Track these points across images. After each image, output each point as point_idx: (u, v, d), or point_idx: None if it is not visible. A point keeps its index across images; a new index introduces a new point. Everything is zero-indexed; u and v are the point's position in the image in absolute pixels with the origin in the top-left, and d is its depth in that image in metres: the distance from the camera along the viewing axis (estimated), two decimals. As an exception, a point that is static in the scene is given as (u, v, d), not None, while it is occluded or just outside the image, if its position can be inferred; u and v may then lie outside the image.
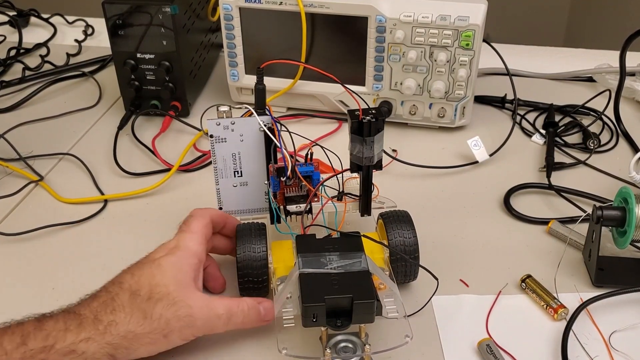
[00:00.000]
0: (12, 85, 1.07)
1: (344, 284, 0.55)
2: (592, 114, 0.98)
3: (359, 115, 0.61)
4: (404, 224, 0.65)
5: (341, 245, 0.60)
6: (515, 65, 1.05)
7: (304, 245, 0.60)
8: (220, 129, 0.66)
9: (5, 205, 0.81)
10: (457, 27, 0.85)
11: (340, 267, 0.57)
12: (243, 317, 0.59)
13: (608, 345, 0.62)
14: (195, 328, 0.57)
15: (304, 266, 0.57)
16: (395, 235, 0.64)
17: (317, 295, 0.54)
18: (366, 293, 0.55)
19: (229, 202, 0.70)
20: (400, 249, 0.63)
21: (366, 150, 0.62)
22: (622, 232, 0.67)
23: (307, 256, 0.59)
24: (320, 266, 0.57)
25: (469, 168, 0.88)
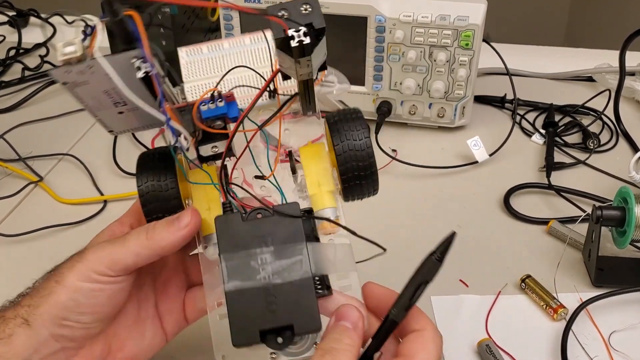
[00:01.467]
0: (11, 86, 1.07)
1: (281, 304, 0.43)
2: (592, 113, 0.98)
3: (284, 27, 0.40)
4: (353, 124, 0.49)
5: (276, 233, 0.45)
6: (515, 65, 1.05)
7: (226, 235, 0.45)
8: (74, 75, 0.44)
9: (5, 206, 0.81)
10: (456, 27, 0.85)
11: (276, 273, 0.44)
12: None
13: (608, 345, 0.62)
14: None
15: (230, 277, 0.44)
16: (341, 138, 0.48)
17: (249, 330, 0.43)
18: (309, 318, 0.43)
19: (118, 124, 0.52)
20: (349, 164, 0.48)
21: (301, 69, 0.43)
22: (621, 232, 0.67)
23: (234, 258, 0.44)
24: (252, 275, 0.44)
25: (469, 168, 0.88)
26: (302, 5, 0.40)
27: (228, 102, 0.46)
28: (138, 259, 0.46)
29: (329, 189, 0.50)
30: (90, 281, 0.45)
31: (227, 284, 0.44)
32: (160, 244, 0.46)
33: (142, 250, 0.46)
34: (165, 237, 0.46)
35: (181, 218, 0.46)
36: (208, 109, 0.45)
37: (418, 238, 0.76)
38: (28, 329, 0.46)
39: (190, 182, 0.50)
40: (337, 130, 0.49)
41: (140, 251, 0.46)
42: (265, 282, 0.43)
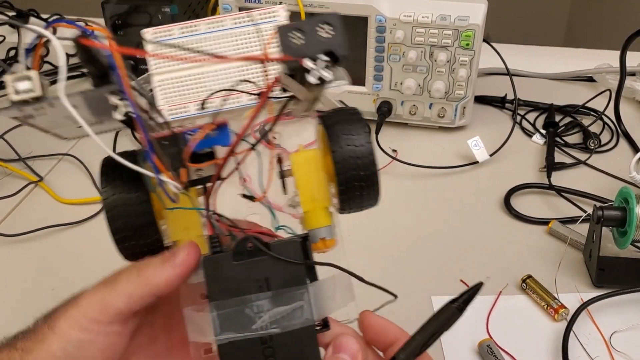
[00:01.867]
0: (11, 86, 1.07)
1: (281, 356, 0.38)
2: (592, 114, 0.98)
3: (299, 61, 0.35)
4: (354, 127, 0.44)
5: (273, 276, 0.39)
6: (515, 65, 1.05)
7: (217, 280, 0.39)
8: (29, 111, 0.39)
9: (5, 206, 0.81)
10: (457, 27, 0.84)
11: (274, 322, 0.38)
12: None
13: (609, 345, 0.61)
14: None
15: (222, 328, 0.38)
16: (340, 143, 0.42)
17: None
18: None
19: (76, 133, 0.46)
20: (351, 167, 0.43)
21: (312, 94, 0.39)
22: (622, 232, 0.67)
23: (225, 306, 0.38)
24: (247, 325, 0.38)
25: (469, 168, 0.88)
26: (321, 26, 0.35)
27: (219, 128, 0.40)
28: (131, 302, 0.41)
29: (324, 205, 0.44)
30: (82, 330, 0.41)
31: (219, 335, 0.38)
32: (153, 283, 0.40)
33: (134, 291, 0.41)
34: (159, 275, 0.40)
35: (176, 254, 0.41)
36: (200, 142, 0.39)
37: (418, 238, 0.76)
38: None
39: (167, 209, 0.43)
40: (336, 134, 0.43)
41: (132, 292, 0.41)
42: (262, 333, 0.38)
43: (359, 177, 0.43)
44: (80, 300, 0.42)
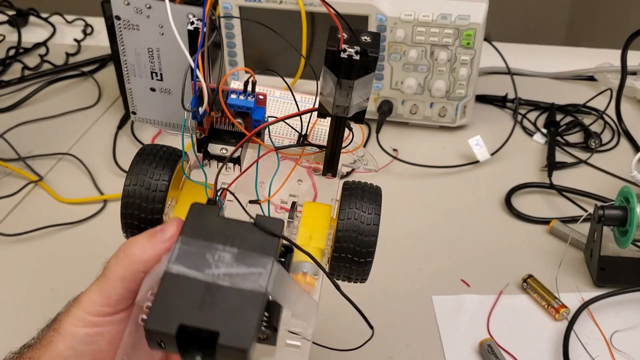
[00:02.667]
0: (11, 85, 1.07)
1: (217, 306, 0.37)
2: (593, 113, 0.98)
3: (339, 44, 0.39)
4: (367, 201, 0.46)
5: (247, 238, 0.40)
6: (516, 64, 1.05)
7: (196, 222, 0.41)
8: (130, 12, 0.45)
9: (5, 205, 0.81)
10: (457, 26, 0.84)
11: (227, 275, 0.38)
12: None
13: (609, 345, 0.61)
14: None
15: (177, 259, 0.38)
16: (348, 215, 0.45)
17: (170, 318, 0.36)
18: (240, 331, 0.36)
19: (144, 107, 0.51)
20: (349, 234, 0.45)
21: (340, 97, 0.41)
22: (623, 231, 0.67)
23: (191, 243, 0.39)
24: (201, 267, 0.38)
25: (470, 167, 0.87)
26: (365, 35, 0.40)
27: (258, 105, 0.44)
28: (125, 284, 0.41)
29: (319, 246, 0.45)
30: (87, 325, 0.42)
31: (171, 264, 0.38)
32: (142, 259, 0.41)
33: (126, 272, 0.41)
34: (147, 251, 0.41)
35: (165, 229, 0.41)
36: (236, 98, 0.43)
37: (419, 238, 0.76)
38: None
39: (188, 178, 0.47)
40: (350, 195, 0.46)
41: (124, 274, 0.41)
42: (211, 279, 0.38)
43: (357, 240, 0.45)
44: (81, 297, 0.43)
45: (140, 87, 0.50)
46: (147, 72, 0.48)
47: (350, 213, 0.45)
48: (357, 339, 0.48)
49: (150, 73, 0.48)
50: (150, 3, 0.44)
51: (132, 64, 0.49)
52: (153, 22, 0.46)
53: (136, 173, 0.45)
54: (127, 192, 0.45)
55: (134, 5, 0.46)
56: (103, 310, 0.42)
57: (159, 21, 0.46)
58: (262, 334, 0.39)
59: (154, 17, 0.45)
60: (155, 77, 0.49)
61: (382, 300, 0.67)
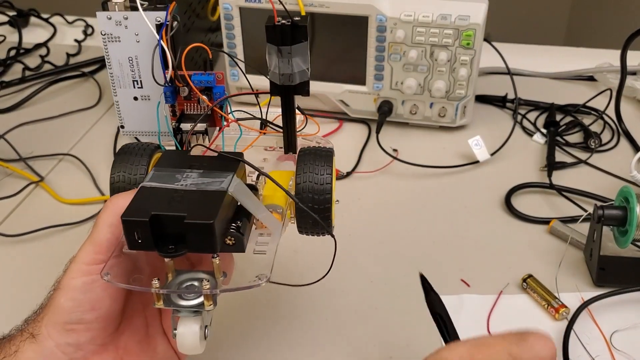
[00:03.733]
0: (12, 86, 1.07)
1: (184, 201, 0.43)
2: (593, 113, 0.98)
3: (274, 20, 0.48)
4: (319, 161, 0.51)
5: (212, 164, 0.48)
6: (516, 65, 1.05)
7: (168, 159, 0.49)
8: (112, 25, 0.54)
9: (6, 206, 0.81)
10: (457, 27, 0.84)
11: (194, 184, 0.45)
12: None
13: (609, 345, 0.61)
14: None
15: (151, 179, 0.46)
16: (304, 177, 0.50)
17: (143, 209, 0.42)
18: (205, 212, 0.42)
19: (130, 120, 0.58)
20: (306, 194, 0.50)
21: (282, 64, 0.49)
22: (623, 231, 0.67)
23: (162, 170, 0.47)
24: (170, 181, 0.45)
25: (470, 167, 0.88)
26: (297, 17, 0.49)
27: (218, 84, 0.53)
28: (113, 229, 0.45)
29: (283, 195, 0.50)
30: (83, 274, 0.45)
31: (145, 182, 0.45)
32: (125, 205, 0.43)
33: (112, 218, 0.45)
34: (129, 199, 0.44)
35: None
36: (199, 75, 0.53)
37: (419, 238, 0.76)
38: (34, 343, 0.45)
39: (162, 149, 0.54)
40: (303, 161, 0.51)
41: (111, 220, 0.45)
42: (179, 187, 0.45)
43: (313, 200, 0.50)
44: (77, 253, 0.46)
45: (126, 98, 0.57)
46: (130, 81, 0.56)
47: (306, 167, 0.50)
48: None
49: (132, 82, 0.56)
50: (127, 14, 0.53)
51: (118, 76, 0.56)
52: (130, 31, 0.54)
53: (117, 171, 0.51)
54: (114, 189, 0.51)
55: (114, 19, 0.53)
56: (96, 258, 0.45)
57: (135, 29, 0.54)
58: (229, 239, 0.44)
59: (131, 27, 0.54)
60: (137, 85, 0.56)
61: (382, 300, 0.67)
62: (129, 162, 0.51)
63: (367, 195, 0.83)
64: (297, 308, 0.66)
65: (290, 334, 0.63)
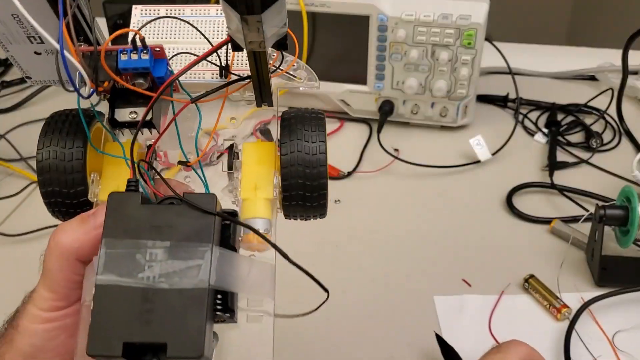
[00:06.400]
0: (13, 86, 1.07)
1: (160, 315, 0.34)
2: (594, 112, 0.98)
3: None
4: (309, 123, 0.41)
5: (178, 225, 0.35)
6: (517, 64, 1.05)
7: (117, 217, 0.36)
8: None
9: (7, 205, 0.81)
10: (459, 26, 0.84)
11: (164, 275, 0.34)
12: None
13: (612, 345, 0.61)
14: None
15: (105, 267, 0.35)
16: (291, 145, 0.40)
17: (111, 338, 0.33)
18: (190, 342, 0.33)
19: (36, 70, 0.45)
20: (295, 168, 0.40)
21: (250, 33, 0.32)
22: (624, 231, 0.67)
23: (117, 245, 0.35)
24: (133, 270, 0.34)
25: (471, 167, 0.87)
26: None
27: (156, 58, 0.37)
28: (65, 274, 0.38)
29: (266, 196, 0.41)
30: (43, 322, 0.39)
31: (100, 275, 0.34)
32: (73, 247, 0.37)
33: (61, 263, 0.38)
34: (78, 238, 0.37)
35: (97, 214, 0.38)
36: (127, 59, 0.36)
37: (420, 238, 0.76)
38: None
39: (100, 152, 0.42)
40: (289, 127, 0.41)
41: (60, 265, 0.38)
42: (147, 284, 0.34)
43: (305, 186, 0.40)
44: (32, 294, 0.41)
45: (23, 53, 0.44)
46: (24, 37, 0.42)
47: (293, 145, 0.40)
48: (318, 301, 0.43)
49: (27, 38, 0.42)
50: None
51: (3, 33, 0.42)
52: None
53: (46, 145, 0.41)
54: (41, 168, 0.41)
55: None
56: (55, 305, 0.39)
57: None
58: (219, 319, 0.36)
59: None
60: (35, 41, 0.42)
61: (384, 300, 0.67)
62: (60, 132, 0.40)
63: (368, 195, 0.83)
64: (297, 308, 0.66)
65: (291, 333, 0.63)
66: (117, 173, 0.41)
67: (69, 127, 0.41)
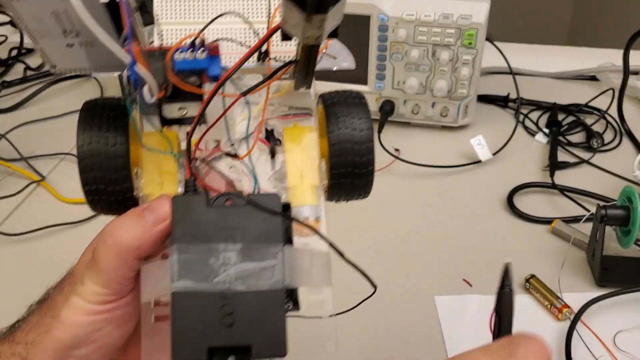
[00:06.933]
0: (13, 86, 1.07)
1: (242, 318, 0.34)
2: (595, 112, 0.98)
3: None
4: (355, 110, 0.41)
5: (246, 227, 0.36)
6: (518, 64, 1.05)
7: (184, 221, 0.36)
8: None
9: (7, 205, 0.81)
10: (459, 26, 0.84)
11: (240, 278, 0.35)
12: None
13: (613, 345, 0.61)
14: None
15: (181, 274, 0.34)
16: (339, 134, 0.40)
17: (195, 343, 0.34)
18: (274, 342, 0.35)
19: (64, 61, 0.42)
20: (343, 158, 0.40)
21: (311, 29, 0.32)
22: (626, 231, 0.67)
23: (189, 251, 0.35)
24: (208, 276, 0.35)
25: (472, 167, 0.87)
26: None
27: (211, 55, 0.37)
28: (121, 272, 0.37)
29: (313, 183, 0.41)
30: (91, 313, 0.38)
31: (175, 282, 0.34)
32: (133, 246, 0.36)
33: (117, 261, 0.37)
34: (138, 236, 0.36)
35: (154, 208, 0.37)
36: (184, 60, 0.37)
37: (421, 238, 0.76)
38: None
39: (144, 148, 0.40)
40: (335, 114, 0.41)
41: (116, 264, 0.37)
42: (225, 288, 0.34)
43: (354, 163, 0.41)
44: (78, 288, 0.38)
45: (54, 45, 0.42)
46: (58, 32, 0.40)
47: (340, 123, 0.41)
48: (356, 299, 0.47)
49: (61, 32, 0.39)
50: None
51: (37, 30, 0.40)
52: None
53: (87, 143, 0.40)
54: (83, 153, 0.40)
55: None
56: (106, 299, 0.38)
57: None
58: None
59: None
60: (70, 35, 0.40)
61: (385, 300, 0.67)
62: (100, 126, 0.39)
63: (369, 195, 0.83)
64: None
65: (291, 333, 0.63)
66: (157, 165, 0.40)
67: (109, 120, 0.40)
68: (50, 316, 0.39)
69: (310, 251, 0.38)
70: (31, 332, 0.40)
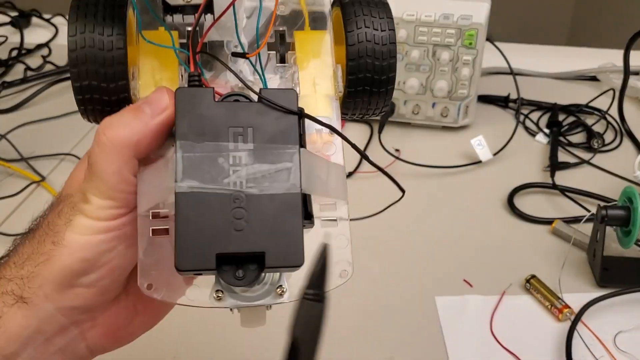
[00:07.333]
0: (13, 86, 1.07)
1: (255, 223, 0.31)
2: (596, 113, 0.98)
3: None
4: (376, 9, 0.38)
5: (259, 125, 0.32)
6: (518, 65, 1.05)
7: (189, 116, 0.32)
8: None
9: (7, 206, 0.81)
10: (460, 26, 0.84)
11: (252, 180, 0.31)
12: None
13: (614, 345, 0.61)
14: None
15: (186, 173, 0.31)
16: (359, 34, 0.37)
17: (203, 252, 0.30)
18: (290, 250, 0.31)
19: None
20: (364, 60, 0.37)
21: None
22: (626, 231, 0.67)
23: (195, 149, 0.31)
24: (217, 176, 0.31)
25: (473, 168, 0.87)
26: None
27: None
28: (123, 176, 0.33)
29: (327, 93, 0.38)
30: (100, 232, 0.34)
31: (179, 182, 0.31)
32: (131, 142, 0.33)
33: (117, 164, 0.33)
34: (137, 130, 0.33)
35: (152, 100, 0.33)
36: None
37: (421, 238, 0.76)
38: (24, 307, 0.35)
39: (147, 42, 0.36)
40: (354, 13, 0.37)
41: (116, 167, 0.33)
42: (235, 189, 0.31)
43: (374, 67, 0.37)
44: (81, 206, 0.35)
45: None
46: None
47: (360, 22, 0.37)
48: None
49: None
50: None
51: None
52: None
53: (80, 32, 0.34)
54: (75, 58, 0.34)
55: None
56: (114, 213, 0.34)
57: None
58: None
59: None
60: None
61: (385, 301, 0.67)
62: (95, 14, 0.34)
63: (369, 195, 0.83)
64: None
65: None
66: (156, 66, 0.36)
67: (104, 10, 0.34)
68: (51, 242, 0.35)
69: (326, 160, 0.36)
70: (25, 264, 0.35)
